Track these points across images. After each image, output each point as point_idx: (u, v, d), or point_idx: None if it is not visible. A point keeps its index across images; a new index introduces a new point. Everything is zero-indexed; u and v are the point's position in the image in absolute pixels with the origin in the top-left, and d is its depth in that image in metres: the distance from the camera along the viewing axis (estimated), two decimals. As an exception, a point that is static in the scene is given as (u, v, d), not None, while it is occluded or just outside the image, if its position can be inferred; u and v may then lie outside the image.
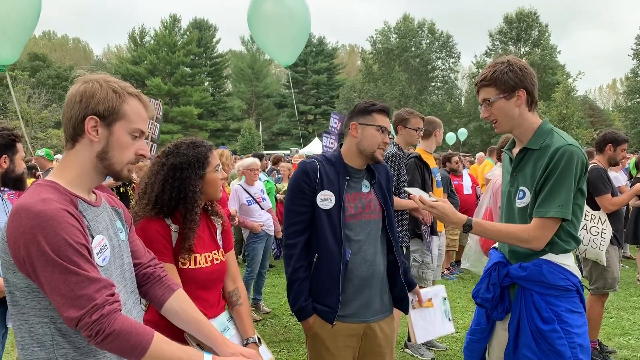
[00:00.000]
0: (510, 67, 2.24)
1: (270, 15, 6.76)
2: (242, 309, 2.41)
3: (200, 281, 2.26)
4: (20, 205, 1.41)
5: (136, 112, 1.59)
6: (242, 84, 62.01)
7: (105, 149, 1.56)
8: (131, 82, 9.58)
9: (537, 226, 2.17)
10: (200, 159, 2.27)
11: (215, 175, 2.32)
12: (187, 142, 2.33)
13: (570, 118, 26.10)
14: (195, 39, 57.55)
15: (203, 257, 2.29)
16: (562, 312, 2.17)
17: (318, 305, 2.51)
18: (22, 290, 1.44)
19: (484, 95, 2.32)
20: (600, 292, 4.60)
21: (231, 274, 2.45)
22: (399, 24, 53.50)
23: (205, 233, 2.37)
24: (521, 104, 2.26)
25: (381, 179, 2.68)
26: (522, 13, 48.36)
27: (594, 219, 4.45)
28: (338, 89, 56.21)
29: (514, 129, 2.33)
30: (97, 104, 1.53)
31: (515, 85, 2.23)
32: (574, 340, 2.15)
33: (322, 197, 2.51)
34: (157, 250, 2.14)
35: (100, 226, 1.58)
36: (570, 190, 2.12)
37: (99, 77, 1.58)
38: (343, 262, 2.46)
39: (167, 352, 1.48)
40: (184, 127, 53.91)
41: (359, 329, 2.53)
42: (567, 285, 2.18)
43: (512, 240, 2.25)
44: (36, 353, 1.46)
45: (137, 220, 2.24)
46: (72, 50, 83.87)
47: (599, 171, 4.51)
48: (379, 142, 2.55)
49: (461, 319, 5.92)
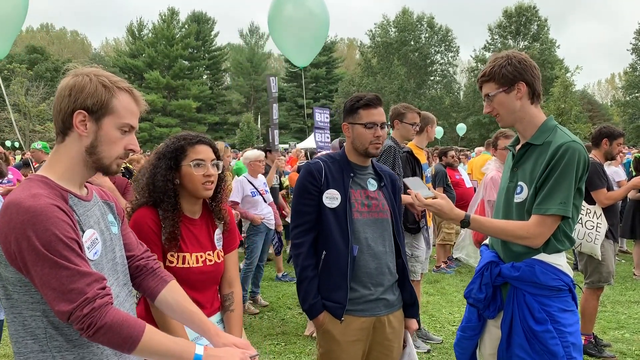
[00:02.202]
0: (509, 61, 2.24)
1: (291, 19, 6.81)
2: (233, 316, 2.38)
3: (190, 281, 2.22)
4: (10, 200, 1.42)
5: (126, 106, 1.59)
6: (240, 78, 61.88)
7: (94, 144, 1.56)
8: (129, 76, 9.66)
9: (536, 223, 2.15)
10: (175, 150, 2.26)
11: (190, 169, 2.24)
12: (178, 134, 2.34)
13: (569, 112, 26.07)
14: (193, 32, 57.40)
15: (194, 256, 2.27)
16: (554, 312, 2.16)
17: (327, 302, 2.52)
18: (14, 284, 1.44)
19: (485, 90, 2.33)
20: (596, 286, 4.62)
21: (228, 276, 2.43)
22: (398, 17, 53.38)
23: (202, 232, 2.34)
24: (522, 97, 2.25)
25: (387, 183, 2.69)
26: (522, 7, 48.32)
27: (589, 213, 4.47)
28: (337, 83, 56.17)
29: (516, 123, 2.32)
30: (85, 98, 1.52)
31: (514, 78, 2.22)
32: (567, 340, 2.14)
33: (328, 195, 2.52)
34: (144, 242, 2.15)
35: (91, 220, 1.59)
36: (571, 187, 2.11)
37: (90, 70, 1.57)
38: (350, 257, 2.47)
39: (158, 343, 1.48)
40: (182, 120, 53.86)
41: (368, 323, 2.54)
42: (559, 285, 2.18)
43: (509, 237, 2.23)
44: (30, 346, 1.47)
45: (134, 209, 2.27)
46: (70, 43, 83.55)
47: (595, 165, 4.52)
48: (369, 139, 2.55)
49: (458, 312, 5.95)
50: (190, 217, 2.33)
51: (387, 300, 2.58)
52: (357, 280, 2.51)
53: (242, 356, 1.59)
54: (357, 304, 2.52)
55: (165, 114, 53.94)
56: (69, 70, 1.59)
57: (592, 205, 4.49)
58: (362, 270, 2.52)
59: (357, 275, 2.51)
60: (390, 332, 2.60)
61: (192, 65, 57.99)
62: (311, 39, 6.95)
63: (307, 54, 7.31)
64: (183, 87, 54.95)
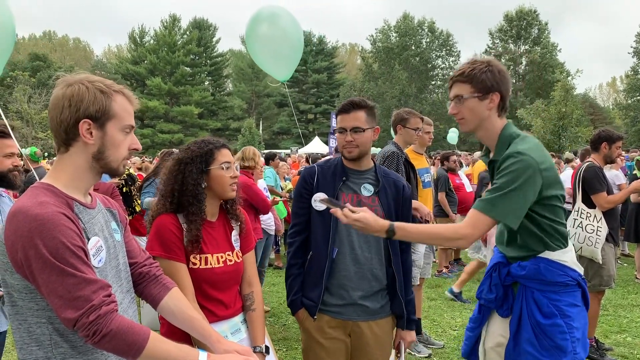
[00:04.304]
0: (489, 68, 2.18)
1: (265, 36, 7.24)
2: (255, 315, 2.42)
3: (213, 281, 2.29)
4: (18, 208, 1.44)
5: (124, 108, 1.62)
6: (242, 84, 62.00)
7: (101, 149, 1.58)
8: (131, 82, 9.78)
9: (470, 223, 2.12)
10: (204, 155, 2.31)
11: (221, 172, 2.32)
12: (199, 140, 2.39)
13: (570, 116, 26.03)
14: (195, 38, 57.52)
15: (215, 257, 2.31)
16: (564, 307, 2.17)
17: (305, 300, 2.62)
18: (20, 291, 1.47)
19: (457, 90, 2.24)
20: (597, 290, 4.62)
21: (247, 276, 2.47)
22: (399, 22, 53.48)
23: (220, 234, 2.39)
24: (492, 108, 2.21)
25: (389, 189, 2.64)
26: (522, 11, 48.40)
27: (589, 216, 4.48)
28: (338, 88, 56.18)
29: (478, 130, 2.28)
30: (87, 107, 1.54)
31: (492, 87, 2.18)
32: (575, 335, 2.16)
33: (316, 198, 2.58)
34: (169, 248, 2.19)
35: (96, 228, 1.61)
36: (519, 197, 2.06)
37: (82, 77, 1.57)
38: (329, 259, 2.54)
39: (163, 350, 1.51)
40: (184, 126, 53.93)
41: (343, 325, 2.58)
42: (566, 280, 2.18)
43: (438, 241, 2.25)
44: (35, 352, 1.49)
45: (154, 217, 2.29)
46: (73, 50, 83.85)
47: (594, 169, 4.54)
48: (342, 143, 2.60)
49: (460, 317, 5.96)
50: (209, 220, 2.38)
51: (365, 307, 2.57)
52: (335, 283, 2.56)
53: (243, 362, 1.61)
54: (331, 305, 2.57)
55: (167, 120, 54.01)
56: (57, 79, 1.59)
57: (592, 209, 4.51)
58: (341, 273, 2.56)
59: (336, 277, 2.56)
60: (372, 339, 2.60)
61: (194, 72, 58.13)
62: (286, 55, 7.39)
63: (285, 70, 7.67)
64: (185, 94, 55.00)
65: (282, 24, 7.18)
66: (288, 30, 7.18)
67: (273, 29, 7.12)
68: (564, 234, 2.23)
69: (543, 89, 44.09)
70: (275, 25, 7.14)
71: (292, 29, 7.23)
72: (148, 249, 2.20)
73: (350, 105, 2.58)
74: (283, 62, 7.44)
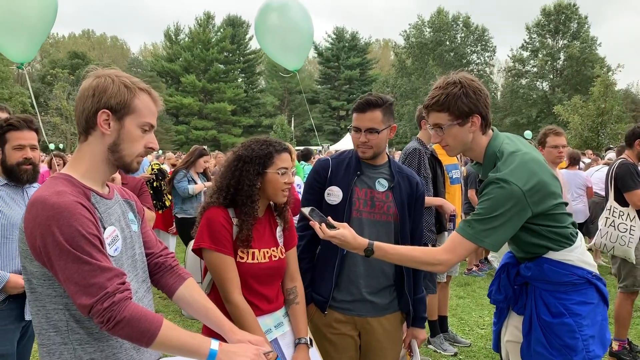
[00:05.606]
0: (464, 91, 2.10)
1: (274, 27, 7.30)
2: (298, 308, 2.44)
3: (258, 276, 2.31)
4: (36, 197, 1.49)
5: (146, 106, 1.65)
6: (274, 80, 62.37)
7: (117, 142, 1.62)
8: (166, 79, 10.05)
9: (449, 248, 2.11)
10: (263, 157, 2.30)
11: (277, 177, 2.30)
12: (261, 139, 2.39)
13: (609, 112, 25.24)
14: (228, 35, 58.21)
15: (261, 252, 2.33)
16: (572, 305, 2.14)
17: (315, 295, 2.60)
18: (39, 278, 1.52)
19: (435, 119, 2.18)
20: (630, 290, 4.49)
21: (290, 271, 2.48)
22: (433, 17, 52.81)
23: (266, 230, 2.41)
24: (475, 130, 2.16)
25: (403, 185, 2.60)
26: (561, 5, 47.11)
27: (622, 215, 4.35)
28: (371, 85, 55.98)
29: (465, 152, 2.27)
30: (109, 98, 1.59)
31: (470, 111, 2.11)
32: (585, 332, 2.12)
33: (330, 192, 2.56)
34: (218, 240, 2.21)
35: (112, 218, 1.65)
36: (499, 225, 2.02)
37: (111, 72, 1.64)
38: (340, 254, 2.52)
39: (175, 338, 1.53)
40: (217, 123, 54.67)
41: (353, 321, 2.57)
42: (572, 280, 2.14)
43: (415, 265, 2.20)
44: (52, 337, 1.54)
45: (206, 208, 2.32)
46: (110, 48, 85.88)
47: (627, 166, 4.40)
48: (356, 142, 2.55)
49: (488, 315, 5.87)
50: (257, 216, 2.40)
51: (375, 304, 2.56)
52: (346, 279, 2.54)
53: (256, 352, 1.63)
54: (341, 301, 2.55)
55: (201, 117, 54.82)
56: (90, 72, 1.66)
57: (625, 207, 4.37)
58: (351, 269, 2.54)
59: (346, 273, 2.54)
60: (383, 335, 2.59)
61: (227, 69, 58.87)
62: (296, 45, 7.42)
63: (295, 59, 7.67)
64: (218, 91, 55.76)
65: (291, 14, 7.21)
66: (297, 20, 7.21)
67: (282, 19, 7.16)
68: (566, 235, 2.17)
69: (582, 85, 42.87)
70: (285, 15, 7.16)
71: (302, 18, 7.25)
72: (197, 240, 2.25)
73: (366, 105, 2.50)
74: (293, 52, 7.44)
